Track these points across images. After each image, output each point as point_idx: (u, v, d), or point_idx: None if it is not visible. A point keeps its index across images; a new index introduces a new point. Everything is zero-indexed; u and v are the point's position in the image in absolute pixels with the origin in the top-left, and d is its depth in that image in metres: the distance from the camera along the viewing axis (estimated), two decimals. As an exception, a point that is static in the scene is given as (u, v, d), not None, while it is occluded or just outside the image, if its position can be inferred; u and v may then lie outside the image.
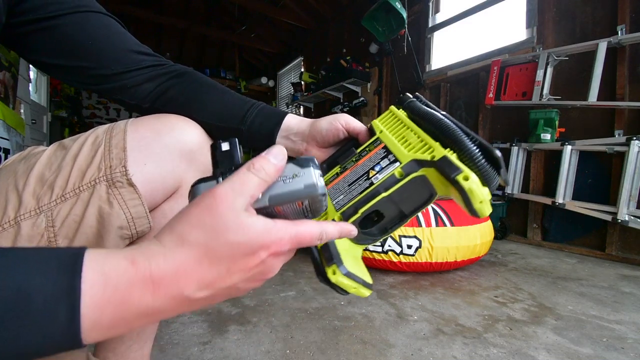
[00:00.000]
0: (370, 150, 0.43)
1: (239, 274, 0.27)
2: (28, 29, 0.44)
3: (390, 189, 0.37)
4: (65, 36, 0.46)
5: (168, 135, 0.46)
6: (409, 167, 0.37)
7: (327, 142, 0.50)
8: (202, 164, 0.49)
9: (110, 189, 0.43)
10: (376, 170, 0.40)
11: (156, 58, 0.54)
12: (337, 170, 0.45)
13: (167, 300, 0.25)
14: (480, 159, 0.33)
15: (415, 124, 0.41)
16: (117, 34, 0.50)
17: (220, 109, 0.52)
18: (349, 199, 0.40)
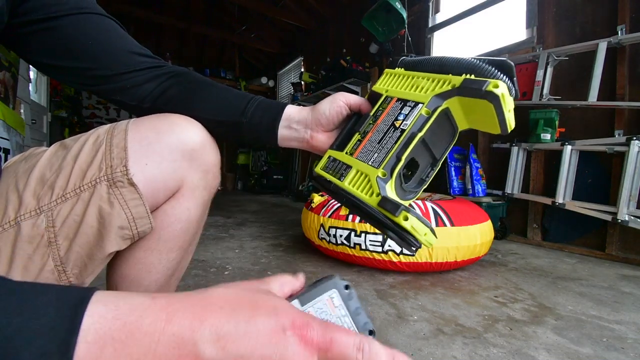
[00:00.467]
0: (384, 108, 0.44)
1: (255, 341, 0.22)
2: (28, 30, 0.44)
3: (424, 128, 0.38)
4: (66, 37, 0.46)
5: (169, 134, 0.46)
6: (432, 103, 0.39)
7: (332, 124, 0.49)
8: (203, 163, 0.49)
9: (111, 189, 0.42)
10: (401, 119, 0.41)
11: (155, 60, 0.54)
12: (358, 137, 0.44)
13: (172, 344, 0.21)
14: (497, 72, 0.35)
15: (417, 71, 0.43)
16: (117, 36, 0.50)
17: (220, 104, 0.52)
18: (386, 152, 0.40)
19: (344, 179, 0.42)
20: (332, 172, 0.44)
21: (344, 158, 0.44)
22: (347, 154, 0.44)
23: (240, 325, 0.22)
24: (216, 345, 0.21)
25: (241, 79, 6.95)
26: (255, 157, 7.02)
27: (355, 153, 0.43)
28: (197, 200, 0.50)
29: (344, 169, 0.43)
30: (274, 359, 0.22)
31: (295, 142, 0.51)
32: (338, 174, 0.43)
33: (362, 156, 0.42)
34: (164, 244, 0.49)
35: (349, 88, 4.21)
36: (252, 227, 2.66)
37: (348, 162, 0.43)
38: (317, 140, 0.49)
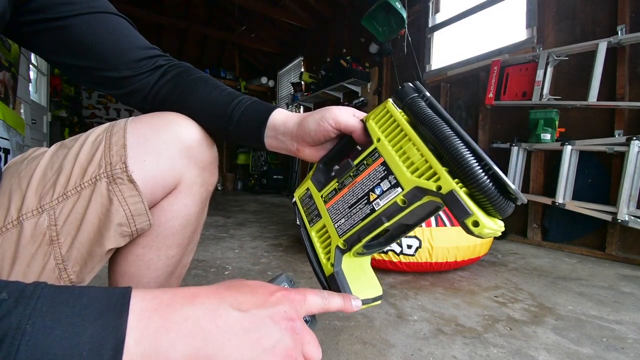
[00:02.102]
0: (368, 165, 0.38)
1: (261, 296, 0.30)
2: (37, 28, 0.44)
3: (393, 218, 0.35)
4: (74, 37, 0.46)
5: (166, 131, 0.46)
6: (412, 194, 0.33)
7: (318, 142, 0.46)
8: (200, 160, 0.49)
9: (110, 186, 0.43)
10: (377, 194, 0.37)
11: (164, 58, 0.54)
12: (335, 186, 0.42)
13: (204, 309, 0.27)
14: (495, 195, 0.29)
15: (416, 131, 0.35)
16: (126, 36, 0.50)
17: (207, 106, 0.50)
18: (350, 225, 0.38)
19: (312, 226, 0.44)
20: (306, 210, 0.45)
21: (318, 202, 0.43)
22: (322, 198, 0.43)
23: (248, 294, 0.30)
24: (236, 310, 0.28)
25: (241, 79, 6.95)
26: (255, 157, 7.02)
27: (328, 203, 0.42)
28: (195, 197, 0.50)
29: (315, 214, 0.43)
30: (280, 313, 0.30)
31: (283, 151, 0.50)
32: (309, 216, 0.44)
33: (332, 211, 0.41)
34: (163, 241, 0.49)
35: (349, 88, 4.21)
36: (252, 227, 2.66)
37: (320, 210, 0.43)
38: (304, 153, 0.47)
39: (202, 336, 0.26)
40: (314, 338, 0.33)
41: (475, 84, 2.82)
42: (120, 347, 0.23)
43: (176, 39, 6.71)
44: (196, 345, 0.26)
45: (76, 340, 0.22)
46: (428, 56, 3.37)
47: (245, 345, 0.27)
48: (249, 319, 0.28)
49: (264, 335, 0.28)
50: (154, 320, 0.25)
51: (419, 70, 3.32)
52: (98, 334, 0.23)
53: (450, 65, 3.07)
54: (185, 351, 0.25)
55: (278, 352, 0.28)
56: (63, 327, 0.22)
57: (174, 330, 0.25)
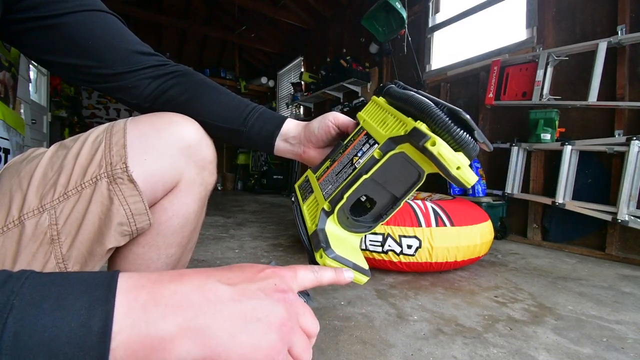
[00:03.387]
0: (354, 139, 0.44)
1: (249, 272, 0.30)
2: (29, 26, 0.44)
3: (371, 170, 0.37)
4: (67, 35, 0.46)
5: (166, 130, 0.47)
6: (386, 146, 0.37)
7: (321, 142, 0.51)
8: (200, 159, 0.50)
9: (111, 186, 0.43)
10: (359, 156, 0.41)
11: (158, 58, 0.54)
12: (327, 164, 0.46)
13: (192, 285, 0.27)
14: (447, 122, 0.32)
15: (394, 107, 0.41)
16: (120, 33, 0.50)
17: (221, 110, 0.53)
18: (335, 187, 0.41)
19: (305, 201, 0.46)
20: (302, 192, 0.49)
21: (313, 181, 0.47)
22: (316, 178, 0.47)
23: (237, 271, 0.30)
24: (226, 285, 0.28)
25: (241, 79, 6.95)
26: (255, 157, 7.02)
27: (321, 179, 0.45)
28: (195, 196, 0.51)
29: (309, 192, 0.47)
30: (271, 286, 0.29)
31: (290, 155, 0.55)
32: (303, 195, 0.48)
33: (322, 184, 0.44)
34: (163, 240, 0.50)
35: (349, 88, 4.21)
36: (252, 227, 2.66)
37: (313, 186, 0.46)
38: (308, 155, 0.53)
39: (192, 308, 0.25)
40: (310, 310, 0.31)
41: (475, 84, 2.83)
42: (110, 318, 0.23)
43: (176, 39, 6.72)
44: (187, 317, 0.25)
45: (64, 313, 0.22)
46: (428, 56, 3.37)
47: (237, 316, 0.26)
48: (239, 292, 0.28)
49: (256, 306, 0.27)
50: (142, 294, 0.25)
51: (419, 70, 3.32)
52: (86, 307, 0.22)
53: (450, 65, 3.07)
54: (175, 322, 0.24)
55: (272, 322, 0.27)
56: (51, 300, 0.22)
57: (163, 303, 0.25)
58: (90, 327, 0.22)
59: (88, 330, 0.22)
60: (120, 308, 0.23)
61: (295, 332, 0.28)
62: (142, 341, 0.23)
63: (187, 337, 0.24)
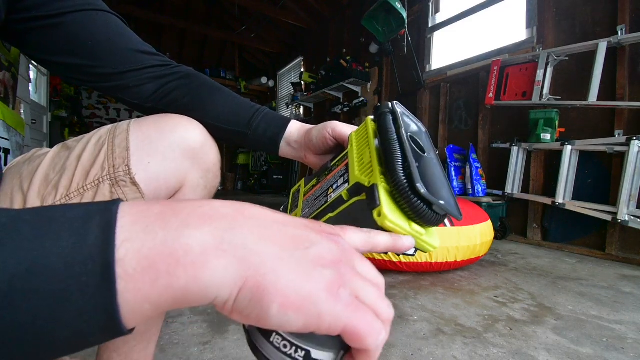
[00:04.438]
0: (337, 165, 0.43)
1: (291, 220, 0.23)
2: (30, 26, 0.44)
3: (337, 210, 0.36)
4: (68, 34, 0.45)
5: (171, 133, 0.46)
6: (354, 189, 0.35)
7: (319, 150, 0.51)
8: (204, 162, 0.50)
9: (113, 188, 0.43)
10: (333, 189, 0.39)
11: (160, 58, 0.54)
12: (314, 182, 0.46)
13: (222, 203, 0.21)
14: (405, 190, 0.29)
15: (376, 140, 0.39)
16: (121, 33, 0.50)
17: (226, 112, 0.53)
18: (309, 214, 0.41)
19: (290, 214, 0.45)
20: (292, 202, 0.49)
21: (300, 195, 0.47)
22: (304, 192, 0.47)
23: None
24: (257, 212, 0.22)
25: (241, 79, 6.95)
26: (255, 157, 7.02)
27: (306, 195, 0.45)
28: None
29: (295, 205, 0.47)
30: (318, 227, 0.24)
31: (293, 157, 0.55)
32: (291, 206, 0.47)
33: (305, 203, 0.44)
34: None
35: (349, 88, 4.21)
36: (252, 227, 2.66)
37: (299, 201, 0.46)
38: (309, 161, 0.52)
39: (226, 219, 0.20)
40: (369, 262, 0.25)
41: (475, 84, 2.82)
42: (112, 224, 0.17)
43: (176, 39, 6.72)
44: (220, 226, 0.19)
45: (46, 236, 0.17)
46: (428, 56, 3.37)
47: (283, 238, 0.21)
48: (283, 219, 0.22)
49: (305, 235, 0.22)
50: (155, 207, 0.19)
51: (419, 70, 3.32)
52: (81, 219, 0.17)
53: (450, 65, 3.07)
54: (206, 230, 0.19)
55: (325, 257, 0.21)
56: (28, 227, 0.17)
57: (185, 213, 0.19)
58: (85, 239, 0.17)
59: (81, 243, 0.16)
60: (127, 216, 0.18)
61: (357, 277, 0.22)
62: (163, 250, 0.17)
63: (222, 249, 0.18)
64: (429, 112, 3.29)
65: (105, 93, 0.52)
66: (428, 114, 3.29)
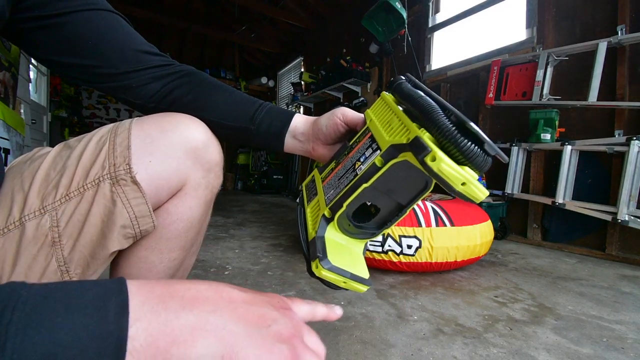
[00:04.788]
0: (359, 141, 0.42)
1: (256, 299, 0.28)
2: (33, 25, 0.44)
3: (371, 179, 0.35)
4: (71, 34, 0.45)
5: (173, 132, 0.46)
6: (388, 153, 0.34)
7: (330, 139, 0.50)
8: (206, 162, 0.49)
9: (114, 187, 0.42)
10: (361, 161, 0.38)
11: (163, 58, 0.54)
12: (332, 165, 0.45)
13: (206, 286, 0.26)
14: (453, 132, 0.28)
15: (401, 107, 0.38)
16: (124, 33, 0.50)
17: (228, 108, 0.52)
18: (336, 193, 0.39)
19: (309, 203, 0.45)
20: (307, 192, 0.48)
21: (318, 182, 0.46)
22: (321, 179, 0.46)
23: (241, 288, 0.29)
24: (237, 289, 0.28)
25: (241, 79, 6.95)
26: (255, 157, 7.02)
27: (325, 181, 0.44)
28: (200, 200, 0.50)
29: (313, 193, 0.46)
30: (275, 301, 0.29)
31: (300, 152, 0.54)
32: (309, 197, 0.46)
33: (326, 187, 0.43)
34: (166, 243, 0.49)
35: (349, 88, 4.21)
36: (252, 227, 2.66)
37: (317, 188, 0.45)
38: (318, 152, 0.52)
39: (209, 303, 0.25)
40: (314, 332, 0.30)
41: (475, 84, 2.83)
42: (125, 304, 0.21)
43: (176, 39, 6.71)
44: (205, 309, 0.24)
45: (74, 310, 0.20)
46: (428, 56, 3.37)
47: (252, 317, 0.25)
48: (250, 297, 0.27)
49: (268, 313, 0.27)
50: (156, 288, 0.24)
51: (419, 70, 3.32)
52: (99, 297, 0.21)
53: (450, 65, 3.07)
54: (195, 313, 0.23)
55: (282, 333, 0.26)
56: (55, 302, 0.20)
57: (179, 295, 0.24)
58: (107, 312, 0.20)
59: (103, 317, 0.20)
60: (136, 297, 0.22)
61: (305, 349, 0.26)
62: (164, 330, 0.22)
63: (207, 330, 0.23)
64: (429, 112, 3.28)
65: (108, 93, 0.52)
66: (428, 114, 3.28)
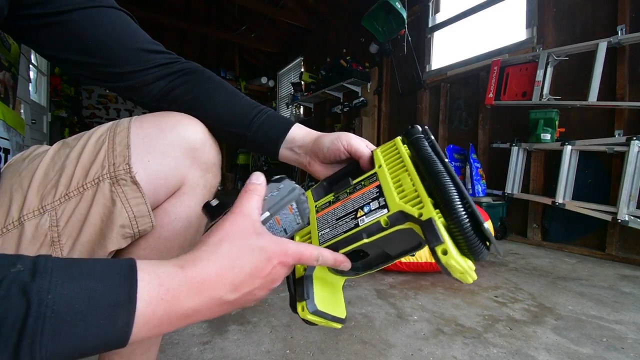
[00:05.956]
0: (364, 185, 0.41)
1: (257, 279, 0.32)
2: (36, 23, 0.43)
3: (373, 237, 0.36)
4: (75, 32, 0.45)
5: (171, 131, 0.46)
6: (395, 217, 0.35)
7: (328, 160, 0.50)
8: (204, 162, 0.49)
9: (113, 187, 0.42)
10: (364, 212, 0.38)
11: (167, 55, 0.53)
12: (330, 199, 0.44)
13: (207, 301, 0.29)
14: (469, 231, 0.30)
15: (415, 167, 0.38)
16: (128, 31, 0.49)
17: (227, 112, 0.52)
18: (332, 235, 0.39)
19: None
20: None
21: (311, 210, 0.46)
22: (315, 208, 0.45)
23: (247, 275, 0.31)
24: (234, 292, 0.31)
25: (241, 79, 6.95)
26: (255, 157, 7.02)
27: (320, 213, 0.44)
28: (198, 199, 0.50)
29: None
30: (270, 284, 0.33)
31: (295, 163, 0.53)
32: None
33: (320, 221, 0.43)
34: (164, 243, 0.49)
35: (349, 88, 4.21)
36: (252, 227, 2.66)
37: (310, 217, 0.45)
38: (313, 168, 0.52)
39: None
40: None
41: (475, 84, 2.82)
42: (133, 295, 0.25)
43: (176, 39, 6.71)
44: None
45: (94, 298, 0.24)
46: (428, 56, 3.37)
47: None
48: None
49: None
50: (159, 311, 0.27)
51: (419, 70, 3.32)
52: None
53: (450, 65, 3.07)
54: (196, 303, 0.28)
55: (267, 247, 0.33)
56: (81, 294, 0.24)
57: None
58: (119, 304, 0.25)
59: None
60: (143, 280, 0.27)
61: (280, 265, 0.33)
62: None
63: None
64: (429, 112, 3.29)
65: (115, 92, 0.52)
66: (428, 114, 3.29)
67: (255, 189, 0.36)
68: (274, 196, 0.38)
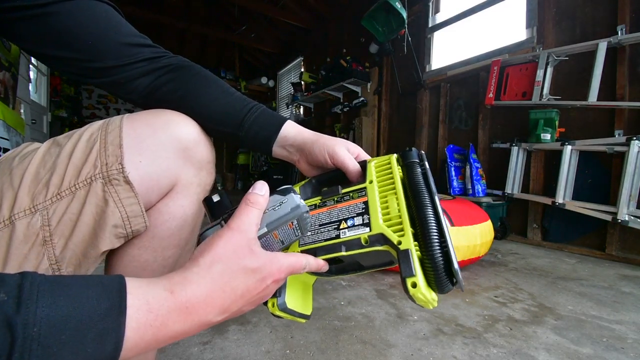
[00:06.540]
0: (352, 197, 0.42)
1: (248, 298, 0.33)
2: (16, 16, 0.42)
3: (351, 251, 0.38)
4: (57, 26, 0.43)
5: (163, 130, 0.45)
6: (376, 238, 0.37)
7: (316, 164, 0.51)
8: (198, 160, 0.49)
9: (106, 187, 0.42)
10: (348, 225, 0.40)
11: (154, 49, 0.51)
12: (317, 202, 0.45)
13: (195, 324, 0.30)
14: (441, 269, 0.32)
15: (404, 191, 0.39)
16: (113, 25, 0.47)
17: (217, 111, 0.51)
18: (313, 240, 0.41)
19: None
20: None
21: None
22: None
23: (237, 297, 0.32)
24: (223, 314, 0.32)
25: (241, 79, 6.95)
26: (255, 157, 7.02)
27: None
28: (192, 198, 0.50)
29: None
30: (260, 300, 0.35)
31: (286, 159, 0.54)
32: None
33: None
34: (159, 242, 0.49)
35: (349, 88, 4.21)
36: (252, 227, 2.66)
37: None
38: (302, 166, 0.53)
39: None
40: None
41: (475, 84, 2.82)
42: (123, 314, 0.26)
43: (176, 39, 6.72)
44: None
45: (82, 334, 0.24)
46: (428, 56, 3.37)
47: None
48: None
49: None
50: (146, 337, 0.28)
51: (418, 70, 3.32)
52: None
53: (450, 65, 3.07)
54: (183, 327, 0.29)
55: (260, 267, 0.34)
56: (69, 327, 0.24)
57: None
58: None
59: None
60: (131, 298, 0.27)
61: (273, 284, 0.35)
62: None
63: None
64: (429, 112, 3.29)
65: (103, 89, 0.51)
66: (428, 114, 3.29)
67: (256, 201, 0.36)
68: (275, 211, 0.38)
